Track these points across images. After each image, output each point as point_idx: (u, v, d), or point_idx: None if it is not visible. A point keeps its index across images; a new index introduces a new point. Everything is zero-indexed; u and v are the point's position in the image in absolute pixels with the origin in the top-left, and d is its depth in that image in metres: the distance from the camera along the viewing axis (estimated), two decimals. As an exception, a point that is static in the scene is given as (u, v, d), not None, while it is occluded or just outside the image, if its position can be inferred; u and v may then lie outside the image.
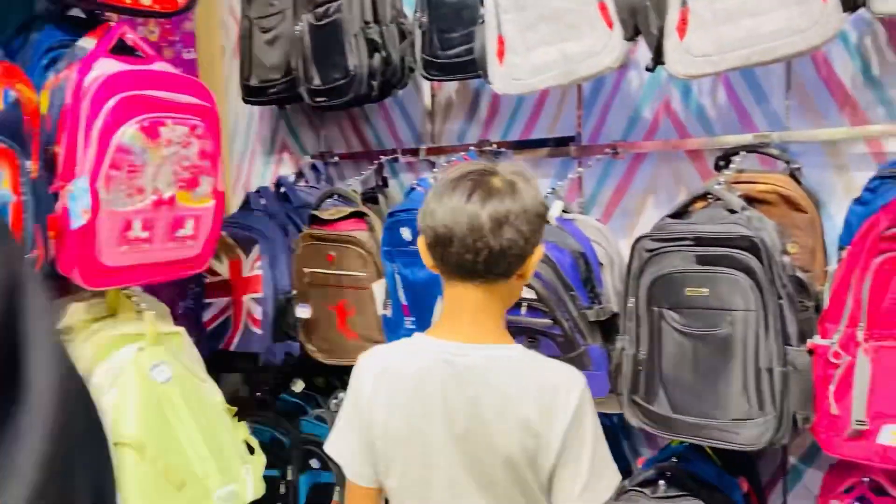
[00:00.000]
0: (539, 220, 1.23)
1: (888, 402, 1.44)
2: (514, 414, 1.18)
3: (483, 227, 1.16)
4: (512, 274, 1.22)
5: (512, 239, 1.17)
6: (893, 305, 1.46)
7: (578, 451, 1.19)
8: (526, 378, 1.21)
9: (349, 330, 2.46)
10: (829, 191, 1.86)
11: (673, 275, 1.63)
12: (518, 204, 1.19)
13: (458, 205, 1.17)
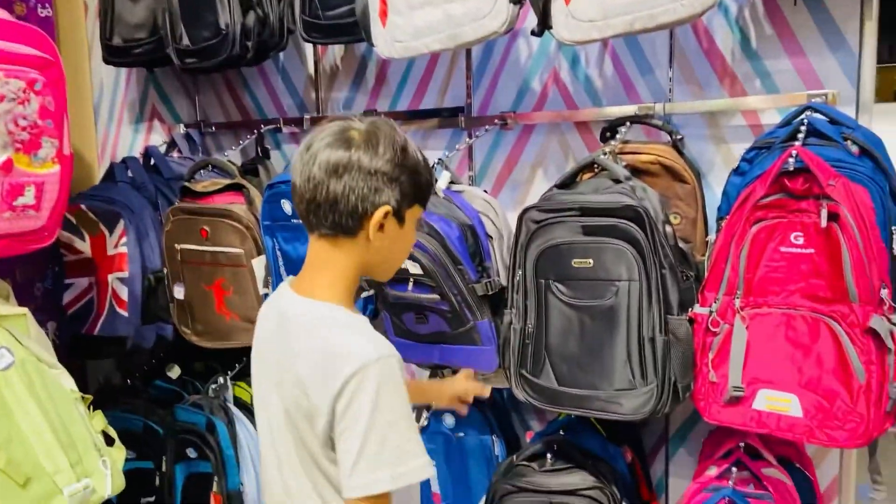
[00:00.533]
0: (380, 178, 1.16)
1: (763, 368, 1.47)
2: (294, 369, 1.19)
3: (313, 176, 1.16)
4: (353, 231, 1.19)
5: (340, 192, 1.15)
6: (768, 273, 1.49)
7: (351, 427, 1.12)
8: (315, 338, 1.19)
9: (228, 310, 2.31)
10: (708, 162, 1.89)
11: (560, 246, 1.60)
12: (357, 156, 1.15)
13: (301, 153, 1.19)
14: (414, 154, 1.22)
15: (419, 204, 1.25)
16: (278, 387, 1.24)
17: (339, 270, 1.22)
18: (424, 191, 1.25)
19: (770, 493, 1.61)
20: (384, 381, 1.12)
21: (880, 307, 1.36)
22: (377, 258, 1.24)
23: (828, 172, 1.41)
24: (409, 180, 1.19)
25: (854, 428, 1.38)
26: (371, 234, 1.19)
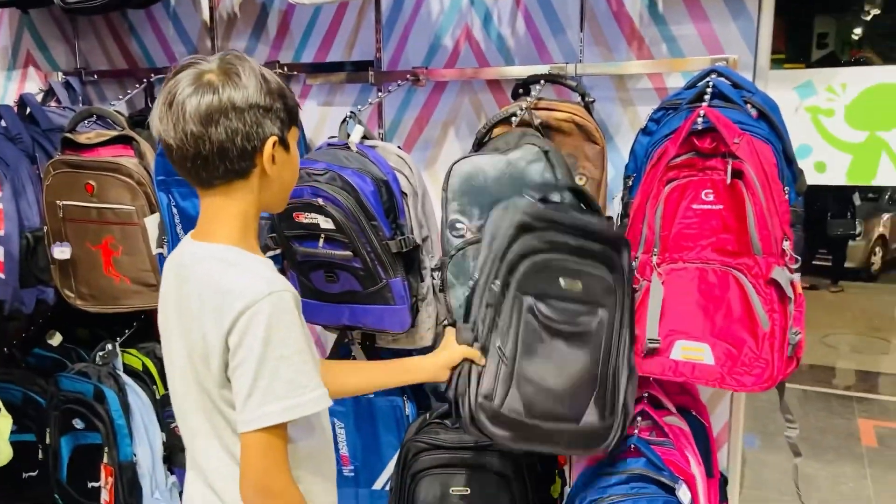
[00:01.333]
0: (257, 112, 1.13)
1: (679, 321, 1.53)
2: (190, 312, 1.18)
3: (190, 131, 1.11)
4: (247, 171, 1.16)
5: (225, 137, 1.12)
6: (683, 230, 1.54)
7: (243, 363, 1.12)
8: (209, 276, 1.17)
9: (116, 272, 2.15)
10: (615, 124, 1.93)
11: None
12: (227, 96, 1.11)
13: (163, 110, 1.13)
14: (274, 78, 1.18)
15: (294, 125, 1.23)
16: (180, 335, 1.22)
17: (236, 213, 1.20)
18: (295, 111, 1.23)
19: (670, 440, 1.69)
20: (276, 315, 1.12)
21: (782, 258, 1.45)
22: (272, 190, 1.22)
23: (733, 131, 1.47)
24: (281, 104, 1.17)
25: (760, 373, 1.46)
26: (267, 168, 1.17)
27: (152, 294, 2.16)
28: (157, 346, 2.44)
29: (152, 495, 2.25)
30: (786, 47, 9.25)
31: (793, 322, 1.42)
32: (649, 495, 1.57)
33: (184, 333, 1.21)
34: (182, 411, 1.28)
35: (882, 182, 1.73)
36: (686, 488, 1.58)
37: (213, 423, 1.21)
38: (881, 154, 1.72)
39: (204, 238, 1.22)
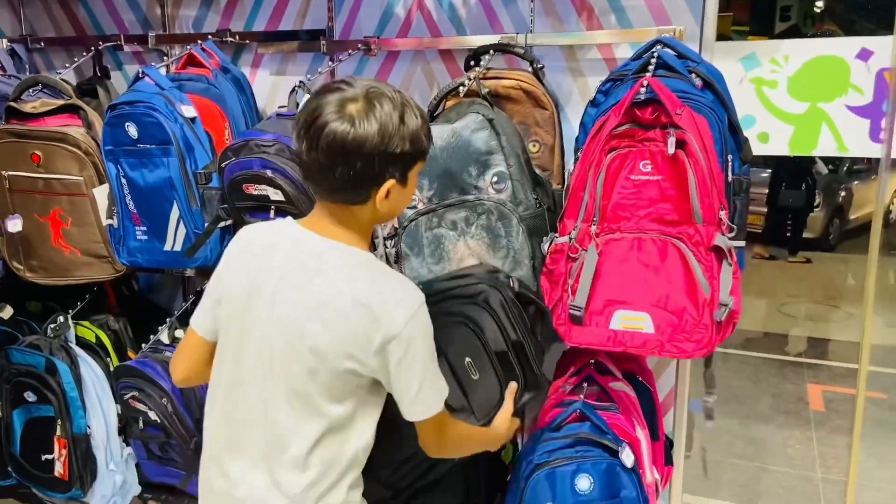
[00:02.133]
0: (385, 158, 1.15)
1: (618, 290, 1.56)
2: (322, 306, 1.18)
3: (320, 159, 1.14)
4: (363, 201, 1.19)
5: (349, 174, 1.14)
6: (621, 200, 1.56)
7: (411, 363, 1.19)
8: (360, 280, 1.19)
9: (66, 244, 2.13)
10: (566, 94, 1.94)
11: None
12: (363, 134, 1.12)
13: (305, 121, 1.16)
14: (412, 116, 1.18)
15: (420, 160, 1.24)
16: (282, 321, 1.21)
17: (356, 223, 1.23)
18: (425, 148, 1.23)
19: (616, 405, 1.73)
20: (428, 320, 1.21)
21: (720, 227, 1.48)
22: (384, 214, 1.24)
23: (675, 102, 1.49)
24: (410, 147, 1.17)
25: (700, 339, 1.50)
26: (378, 205, 1.20)
27: (103, 265, 2.14)
28: (109, 318, 2.43)
29: (107, 466, 2.25)
30: (750, 20, 9.34)
31: (730, 289, 1.46)
32: (593, 458, 1.61)
33: (290, 320, 1.20)
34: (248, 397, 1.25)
35: (822, 152, 1.77)
36: (629, 451, 1.62)
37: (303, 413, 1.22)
38: (821, 125, 1.76)
39: (332, 236, 1.21)
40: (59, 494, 2.28)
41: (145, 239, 2.00)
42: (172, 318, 2.26)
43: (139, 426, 2.20)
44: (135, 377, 2.14)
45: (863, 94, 1.71)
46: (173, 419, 2.11)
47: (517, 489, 1.64)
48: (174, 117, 1.87)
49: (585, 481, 1.60)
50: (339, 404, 1.22)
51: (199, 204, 1.90)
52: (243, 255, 1.28)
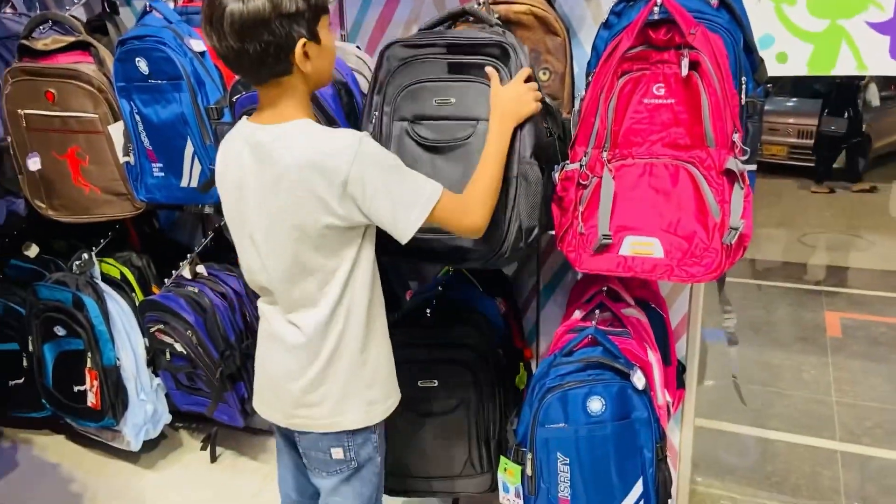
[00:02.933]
0: (285, 22, 1.23)
1: (629, 216, 1.55)
2: (282, 182, 1.28)
3: (231, 46, 1.24)
4: (288, 70, 1.28)
5: (261, 50, 1.23)
6: (633, 125, 1.54)
7: (374, 197, 1.27)
8: (302, 148, 1.27)
9: (86, 182, 2.16)
10: (579, 18, 1.90)
11: (424, 89, 1.53)
12: (255, 6, 1.20)
13: (207, 14, 1.25)
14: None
15: (323, 14, 1.32)
16: (266, 211, 1.32)
17: (294, 97, 1.32)
18: (321, 4, 1.30)
19: (628, 331, 1.76)
20: (373, 150, 1.28)
21: (732, 150, 1.46)
22: (315, 75, 1.33)
23: (689, 22, 1.46)
24: (304, 5, 1.25)
25: (709, 262, 1.49)
26: (301, 66, 1.28)
27: (123, 203, 2.18)
28: (133, 255, 2.49)
29: (138, 396, 2.34)
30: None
31: (742, 213, 1.45)
32: (605, 381, 1.64)
33: (273, 208, 1.30)
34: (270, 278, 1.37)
35: (841, 71, 1.73)
36: (641, 374, 1.65)
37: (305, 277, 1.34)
38: (841, 43, 1.71)
39: (272, 121, 1.31)
40: (92, 423, 2.39)
41: (162, 176, 2.03)
42: (193, 254, 2.31)
43: (166, 358, 2.28)
44: (160, 311, 2.21)
45: (883, 11, 1.65)
46: (198, 350, 2.19)
47: (530, 411, 1.68)
48: (183, 51, 1.86)
49: (597, 403, 1.64)
50: (333, 258, 1.33)
51: (212, 139, 1.91)
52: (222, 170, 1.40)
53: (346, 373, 1.38)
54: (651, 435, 1.67)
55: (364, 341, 1.39)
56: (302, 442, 1.45)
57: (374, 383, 1.43)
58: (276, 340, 1.41)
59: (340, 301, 1.35)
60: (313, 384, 1.38)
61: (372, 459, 1.46)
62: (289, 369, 1.39)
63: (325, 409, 1.39)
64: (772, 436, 2.66)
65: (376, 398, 1.43)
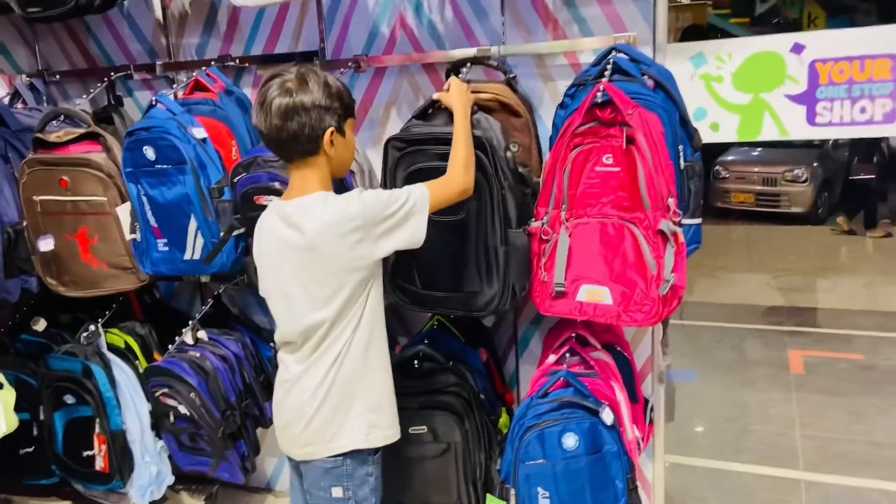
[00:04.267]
0: (320, 110, 1.55)
1: (584, 268, 1.78)
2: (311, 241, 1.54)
3: (275, 124, 1.55)
4: (315, 151, 1.58)
5: (297, 129, 1.54)
6: (587, 189, 1.78)
7: (385, 226, 1.57)
8: (324, 211, 1.54)
9: (94, 258, 2.34)
10: (538, 98, 2.16)
11: (422, 169, 1.81)
12: (300, 99, 1.53)
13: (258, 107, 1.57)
14: (335, 82, 1.60)
15: (350, 117, 1.65)
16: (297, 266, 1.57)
17: (319, 176, 1.61)
18: (351, 107, 1.65)
19: (596, 372, 1.95)
20: (371, 194, 1.58)
21: (667, 213, 1.70)
22: (336, 162, 1.64)
23: (627, 103, 1.71)
24: (339, 103, 1.59)
25: (649, 310, 1.72)
26: (327, 150, 1.58)
27: (128, 276, 2.36)
28: (136, 325, 2.65)
29: (143, 458, 2.47)
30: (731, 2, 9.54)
31: (673, 267, 1.68)
32: (577, 418, 1.83)
33: (302, 263, 1.55)
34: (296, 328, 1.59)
35: (766, 137, 1.99)
36: (609, 410, 1.84)
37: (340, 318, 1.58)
38: (764, 113, 1.98)
39: (298, 195, 1.59)
40: (100, 487, 2.51)
41: (167, 250, 2.22)
42: (195, 320, 2.48)
43: (170, 420, 2.42)
44: (164, 376, 2.37)
45: (798, 84, 1.93)
46: (201, 411, 2.34)
47: (512, 450, 1.86)
48: (187, 139, 2.08)
49: (571, 439, 1.82)
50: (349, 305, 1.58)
51: (213, 216, 2.12)
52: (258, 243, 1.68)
53: (349, 397, 1.59)
54: (622, 467, 1.85)
55: (363, 371, 1.60)
56: (307, 478, 1.61)
57: (377, 408, 1.62)
58: (292, 382, 1.61)
59: (347, 340, 1.58)
60: (319, 411, 1.57)
61: (367, 500, 1.62)
62: (301, 404, 1.58)
63: (329, 431, 1.57)
64: (740, 468, 2.84)
65: (377, 423, 1.61)
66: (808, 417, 3.21)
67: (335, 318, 1.55)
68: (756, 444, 3.01)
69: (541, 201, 1.84)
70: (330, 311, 1.54)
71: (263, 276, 1.64)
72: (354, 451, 1.58)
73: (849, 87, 1.89)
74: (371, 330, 1.60)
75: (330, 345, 1.56)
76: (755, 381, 3.65)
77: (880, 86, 1.86)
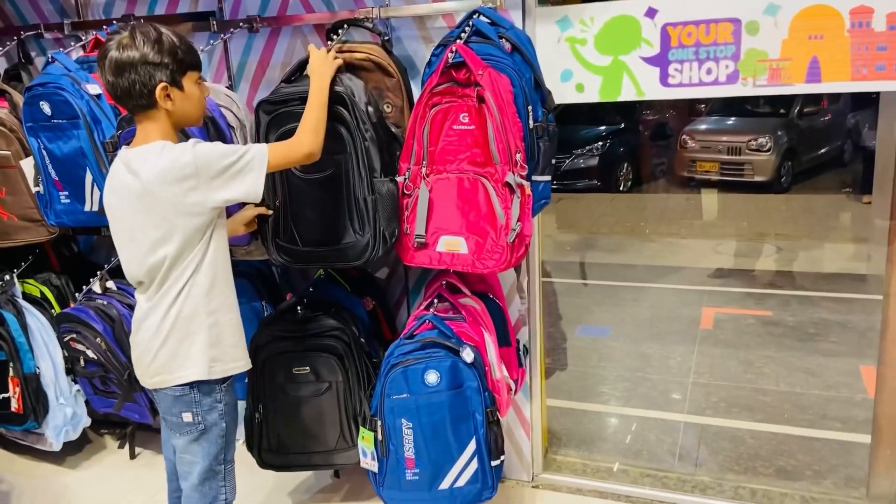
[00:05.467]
0: (149, 66, 1.61)
1: (443, 220, 1.92)
2: (150, 185, 1.61)
3: (109, 81, 1.63)
4: (151, 105, 1.64)
5: (129, 85, 1.61)
6: (446, 146, 1.91)
7: (220, 178, 1.63)
8: (158, 157, 1.61)
9: (5, 211, 2.45)
10: (421, 59, 2.26)
11: (292, 130, 1.89)
12: (128, 55, 1.60)
13: (100, 61, 1.64)
14: (168, 39, 1.64)
15: (190, 70, 1.69)
16: (143, 208, 1.64)
17: (159, 128, 1.67)
18: (188, 60, 1.68)
19: (462, 315, 2.10)
20: (206, 147, 1.64)
21: (515, 167, 1.83)
22: (179, 115, 1.69)
23: (478, 64, 1.83)
24: (170, 58, 1.63)
25: (499, 257, 1.86)
26: (162, 104, 1.64)
27: (38, 228, 2.47)
28: (52, 276, 2.77)
29: (58, 401, 2.61)
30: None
31: (519, 217, 1.82)
32: (439, 357, 1.98)
33: (140, 207, 1.63)
34: (140, 268, 1.68)
35: (625, 97, 2.12)
36: (470, 350, 1.98)
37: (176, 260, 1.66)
38: (623, 74, 2.10)
39: (139, 144, 1.66)
40: (16, 427, 2.65)
41: (68, 202, 2.33)
42: (103, 270, 2.60)
43: (81, 364, 2.56)
44: (72, 322, 2.50)
45: (652, 47, 2.05)
46: (108, 355, 2.48)
47: (380, 385, 2.02)
48: (80, 94, 2.18)
49: (433, 375, 1.98)
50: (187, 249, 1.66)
51: (108, 169, 2.22)
52: (108, 187, 1.73)
53: (192, 333, 1.70)
54: (482, 401, 2.00)
55: (206, 311, 1.70)
56: (161, 405, 1.76)
57: (218, 344, 1.72)
58: (142, 320, 1.73)
59: (187, 280, 1.67)
60: (164, 345, 1.69)
61: (217, 424, 1.75)
62: (148, 338, 1.71)
63: (174, 363, 1.70)
64: (629, 412, 3.03)
65: (220, 357, 1.72)
66: (704, 367, 3.41)
67: (174, 261, 1.64)
68: (650, 392, 3.20)
69: (403, 157, 1.96)
70: (167, 251, 1.63)
71: (111, 220, 1.73)
72: (199, 382, 1.71)
73: (696, 49, 2.01)
74: (214, 274, 1.69)
75: (171, 285, 1.66)
76: (665, 335, 3.84)
77: (723, 48, 1.98)
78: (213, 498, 1.81)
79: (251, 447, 2.27)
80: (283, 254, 2.08)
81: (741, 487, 2.41)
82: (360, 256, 1.99)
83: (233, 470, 1.86)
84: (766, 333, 3.80)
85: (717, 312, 4.13)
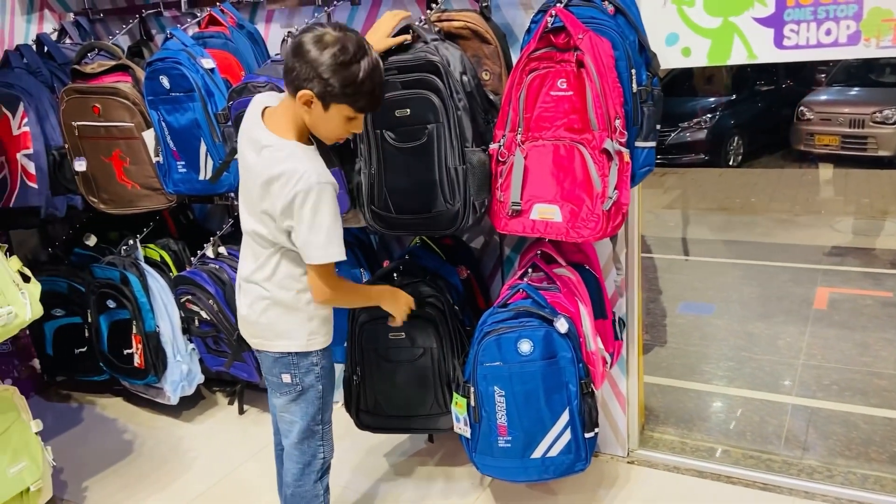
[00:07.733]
0: (313, 71, 1.57)
1: (537, 188, 1.90)
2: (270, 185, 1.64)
3: (287, 52, 1.62)
4: (293, 96, 1.62)
5: (289, 66, 1.60)
6: (542, 112, 1.89)
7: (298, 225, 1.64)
8: (284, 164, 1.62)
9: (128, 180, 2.63)
10: (521, 26, 2.24)
11: (386, 100, 1.94)
12: (309, 48, 1.56)
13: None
14: (358, 71, 1.58)
15: (350, 106, 1.63)
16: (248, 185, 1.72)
17: (293, 119, 1.67)
18: (356, 98, 1.62)
19: (557, 286, 2.09)
20: (319, 199, 1.61)
21: (614, 133, 1.79)
22: (311, 124, 1.67)
23: (578, 28, 1.79)
24: (339, 83, 1.58)
25: (594, 226, 1.83)
26: (299, 105, 1.62)
27: (158, 196, 2.63)
28: (170, 241, 2.95)
29: (174, 358, 2.80)
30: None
31: (616, 185, 1.78)
32: (533, 326, 1.98)
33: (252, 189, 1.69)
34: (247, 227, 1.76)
35: (735, 61, 2.01)
36: (564, 320, 1.97)
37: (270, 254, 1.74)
38: (733, 37, 2.00)
39: (272, 128, 1.67)
40: (139, 381, 2.87)
41: (185, 171, 2.47)
42: (216, 237, 2.75)
43: (195, 324, 2.73)
44: (188, 284, 2.66)
45: (766, 7, 1.94)
46: (220, 317, 2.63)
47: (473, 352, 2.04)
48: (195, 69, 2.30)
49: (527, 344, 1.98)
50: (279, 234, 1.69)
51: (221, 139, 2.34)
52: (240, 139, 1.78)
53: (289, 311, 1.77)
54: (576, 372, 2.00)
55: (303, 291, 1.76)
56: (263, 364, 1.85)
57: (313, 319, 1.78)
58: (244, 279, 1.82)
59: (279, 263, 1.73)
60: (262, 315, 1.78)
61: (314, 386, 1.82)
62: (247, 303, 1.80)
63: (272, 333, 1.78)
64: (732, 392, 2.92)
65: (317, 331, 1.79)
66: (816, 349, 3.23)
67: (271, 241, 1.71)
68: (756, 372, 3.07)
69: (498, 124, 1.96)
70: (266, 231, 1.70)
71: (241, 158, 1.77)
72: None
73: (815, 8, 1.88)
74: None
75: (268, 258, 1.73)
76: (774, 314, 3.66)
77: (844, 7, 1.85)
78: (313, 456, 1.90)
79: (349, 407, 2.35)
80: (378, 220, 2.12)
81: (851, 473, 2.29)
82: (451, 225, 2.00)
83: (330, 430, 1.94)
84: (884, 315, 3.56)
85: (831, 292, 3.89)
